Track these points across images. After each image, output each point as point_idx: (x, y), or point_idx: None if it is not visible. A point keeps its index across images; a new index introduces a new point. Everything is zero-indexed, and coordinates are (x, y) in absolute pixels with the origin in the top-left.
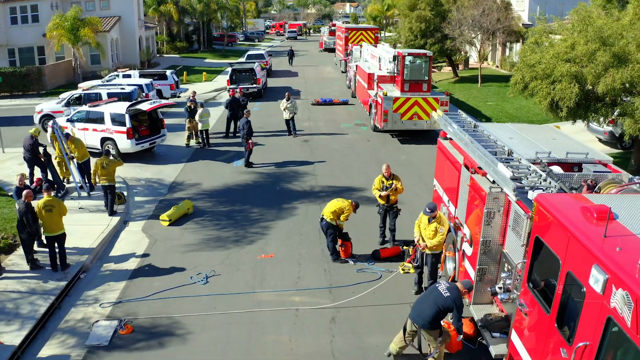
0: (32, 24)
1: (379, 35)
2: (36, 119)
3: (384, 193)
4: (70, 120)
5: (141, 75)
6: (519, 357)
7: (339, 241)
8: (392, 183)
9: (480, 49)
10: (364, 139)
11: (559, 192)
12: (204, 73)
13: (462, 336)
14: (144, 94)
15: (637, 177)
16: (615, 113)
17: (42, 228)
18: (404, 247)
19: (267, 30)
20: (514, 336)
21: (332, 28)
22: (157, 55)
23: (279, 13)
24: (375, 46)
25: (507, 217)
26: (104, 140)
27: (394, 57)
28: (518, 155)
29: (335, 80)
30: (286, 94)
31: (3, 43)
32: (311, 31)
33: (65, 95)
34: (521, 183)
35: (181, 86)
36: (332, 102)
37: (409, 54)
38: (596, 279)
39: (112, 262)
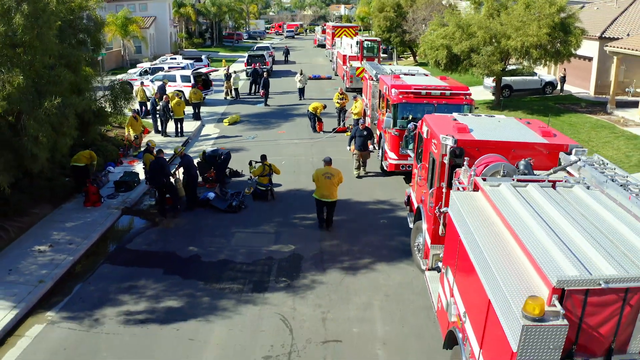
0: None
1: (358, 32)
2: None
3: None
4: (151, 81)
5: (184, 58)
6: (379, 143)
7: (317, 122)
8: (343, 97)
9: None
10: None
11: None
12: (223, 60)
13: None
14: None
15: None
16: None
17: (173, 115)
18: (349, 126)
19: (267, 30)
20: (379, 135)
21: (324, 27)
22: (178, 49)
23: (277, 14)
24: (352, 38)
25: (380, 95)
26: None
27: (357, 42)
28: (387, 70)
29: (324, 66)
30: (300, 70)
31: None
32: (307, 31)
33: (135, 69)
34: (378, 74)
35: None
36: (319, 77)
37: (366, 40)
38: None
39: (203, 137)
